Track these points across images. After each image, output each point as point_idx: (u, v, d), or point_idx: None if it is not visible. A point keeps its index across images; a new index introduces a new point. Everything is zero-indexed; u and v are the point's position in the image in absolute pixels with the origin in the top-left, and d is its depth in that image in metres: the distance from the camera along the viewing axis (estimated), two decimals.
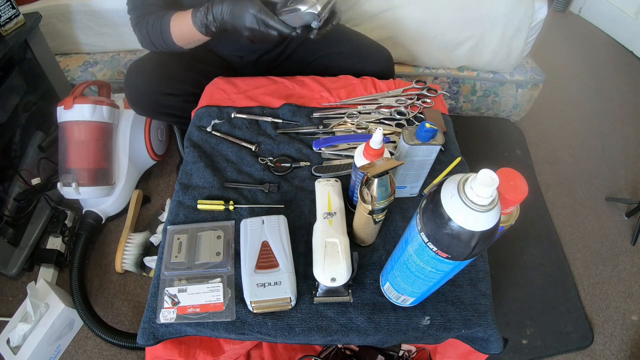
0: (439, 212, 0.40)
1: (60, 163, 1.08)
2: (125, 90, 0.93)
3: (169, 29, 0.81)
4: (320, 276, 0.57)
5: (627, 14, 2.03)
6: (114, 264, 1.10)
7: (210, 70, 1.00)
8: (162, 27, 0.82)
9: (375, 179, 0.53)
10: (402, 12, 1.24)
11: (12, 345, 0.94)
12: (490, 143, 1.52)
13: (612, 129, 1.64)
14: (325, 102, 0.92)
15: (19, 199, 1.10)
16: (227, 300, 0.61)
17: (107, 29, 1.32)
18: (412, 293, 0.55)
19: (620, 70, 1.94)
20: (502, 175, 0.49)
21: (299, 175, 0.79)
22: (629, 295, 1.16)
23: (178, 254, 0.65)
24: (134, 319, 1.05)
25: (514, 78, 1.41)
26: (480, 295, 0.64)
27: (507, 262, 1.19)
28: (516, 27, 1.26)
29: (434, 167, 0.70)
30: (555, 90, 1.76)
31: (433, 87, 0.96)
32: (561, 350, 1.04)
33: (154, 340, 0.60)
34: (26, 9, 1.19)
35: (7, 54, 1.00)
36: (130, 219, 1.19)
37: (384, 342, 0.62)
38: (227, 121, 0.87)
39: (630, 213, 1.32)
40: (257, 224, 0.66)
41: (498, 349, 0.62)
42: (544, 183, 1.42)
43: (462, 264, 0.45)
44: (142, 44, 0.89)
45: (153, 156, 1.27)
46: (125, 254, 1.10)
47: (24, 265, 1.10)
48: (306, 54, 1.04)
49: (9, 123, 1.12)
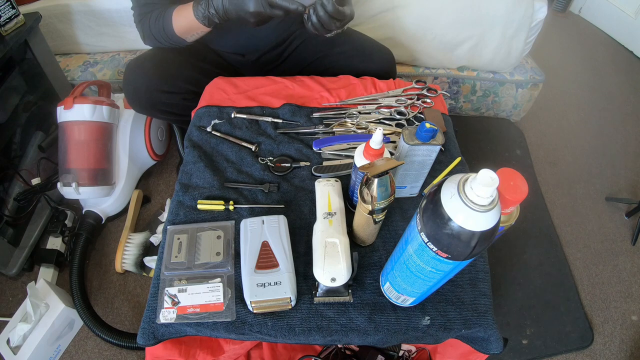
0: (439, 212, 0.40)
1: (60, 163, 1.08)
2: (124, 87, 0.93)
3: (171, 23, 0.82)
4: (320, 276, 0.57)
5: (627, 14, 2.03)
6: (114, 264, 1.11)
7: (210, 68, 1.00)
8: (165, 21, 0.82)
9: (375, 179, 0.53)
10: (402, 12, 1.24)
11: (12, 345, 0.94)
12: (490, 143, 1.52)
13: (612, 129, 1.64)
14: (325, 102, 0.92)
15: (19, 199, 1.10)
16: (227, 300, 0.61)
17: (107, 29, 1.32)
18: (412, 293, 0.55)
19: (620, 70, 1.94)
20: (502, 175, 0.49)
21: (299, 175, 0.79)
22: (629, 295, 1.16)
23: (178, 254, 0.65)
24: (134, 319, 1.05)
25: (514, 78, 1.41)
26: (480, 295, 0.64)
27: (507, 262, 1.19)
28: (516, 27, 1.26)
29: (434, 167, 0.70)
30: (555, 90, 1.76)
31: (433, 87, 0.96)
32: (561, 350, 1.04)
33: (154, 340, 0.60)
34: (26, 9, 1.19)
35: (7, 54, 1.00)
36: (130, 219, 1.19)
37: (384, 342, 0.62)
38: (227, 121, 0.87)
39: (630, 213, 1.32)
40: (257, 224, 0.66)
41: (498, 349, 0.62)
42: (544, 183, 1.42)
43: (462, 264, 0.45)
44: (145, 39, 0.89)
45: (153, 156, 1.27)
46: (125, 254, 1.10)
47: (24, 265, 1.10)
48: (307, 53, 1.04)
49: (9, 123, 1.12)
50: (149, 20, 0.84)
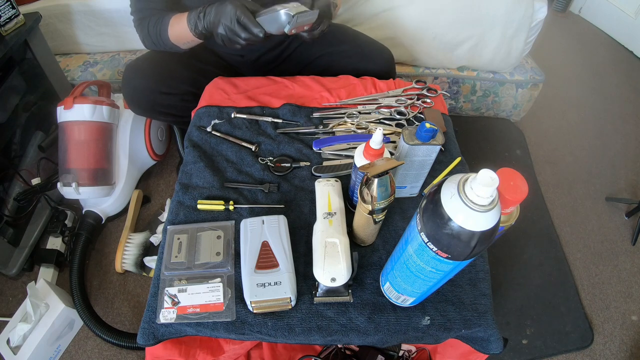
0: (439, 212, 0.40)
1: (60, 163, 1.08)
2: (123, 90, 0.94)
3: (167, 30, 0.83)
4: (320, 276, 0.57)
5: (627, 14, 2.03)
6: (114, 264, 1.11)
7: (209, 69, 1.00)
8: (162, 28, 0.83)
9: (375, 179, 0.53)
10: (402, 12, 1.24)
11: (12, 345, 0.94)
12: (490, 143, 1.52)
13: (612, 129, 1.64)
14: (325, 102, 0.92)
15: (19, 199, 1.10)
16: (227, 300, 0.61)
17: (107, 29, 1.32)
18: (412, 293, 0.55)
19: (620, 70, 1.94)
20: (502, 175, 0.49)
21: (299, 175, 0.79)
22: (629, 295, 1.16)
23: (178, 254, 0.65)
24: (134, 319, 1.05)
25: (514, 78, 1.41)
26: (480, 295, 0.64)
27: (507, 262, 1.19)
28: (516, 27, 1.26)
29: (434, 167, 0.70)
30: (555, 90, 1.76)
31: (433, 87, 0.96)
32: (561, 350, 1.04)
33: (154, 340, 0.60)
34: (26, 9, 1.19)
35: (7, 54, 1.00)
36: (130, 219, 1.19)
37: (384, 342, 0.62)
38: (227, 121, 0.87)
39: (630, 213, 1.32)
40: (257, 224, 0.66)
41: (498, 349, 0.62)
42: (544, 183, 1.42)
43: (462, 264, 0.45)
44: (144, 43, 0.90)
45: (153, 156, 1.27)
46: (125, 254, 1.10)
47: (24, 265, 1.10)
48: (307, 53, 1.04)
49: (9, 123, 1.12)
50: (148, 24, 0.85)
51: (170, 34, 0.83)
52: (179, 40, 0.84)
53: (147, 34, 0.86)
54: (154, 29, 0.84)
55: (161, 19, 0.83)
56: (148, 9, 0.85)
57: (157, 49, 0.90)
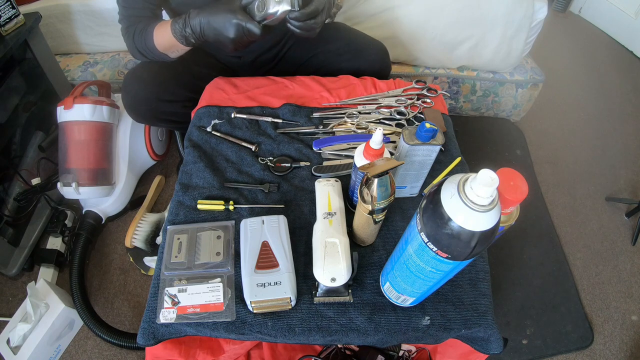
0: (439, 212, 0.40)
1: (60, 163, 1.08)
2: (123, 99, 0.93)
3: (152, 38, 0.81)
4: (320, 276, 0.57)
5: (627, 14, 2.03)
6: (114, 264, 1.11)
7: (208, 73, 1.00)
8: (147, 37, 0.81)
9: (375, 179, 0.53)
10: (402, 11, 1.24)
11: (12, 345, 0.94)
12: (490, 143, 1.52)
13: (612, 129, 1.64)
14: (325, 102, 0.92)
15: (19, 199, 1.10)
16: (227, 300, 0.61)
17: (107, 29, 1.32)
18: (412, 293, 0.55)
19: (620, 70, 1.94)
20: (502, 175, 0.49)
21: (299, 175, 0.79)
22: (629, 295, 1.16)
23: (178, 254, 0.65)
24: (134, 319, 1.05)
25: (514, 78, 1.41)
26: (480, 295, 0.64)
27: (507, 262, 1.19)
28: (516, 27, 1.26)
29: (434, 167, 0.70)
30: (555, 90, 1.76)
31: (433, 87, 0.96)
32: (561, 350, 1.04)
33: (154, 340, 0.60)
34: (26, 9, 1.19)
35: (7, 54, 1.00)
36: (149, 200, 1.22)
37: (384, 342, 0.62)
38: (227, 121, 0.87)
39: (630, 213, 1.32)
40: (257, 224, 0.66)
41: (498, 349, 0.62)
42: (544, 183, 1.42)
43: (462, 264, 0.45)
44: (132, 53, 0.88)
45: (153, 156, 1.27)
46: (137, 230, 1.10)
47: (24, 265, 1.10)
48: (302, 52, 1.04)
49: (9, 123, 1.12)
50: (133, 34, 0.83)
51: (157, 43, 0.81)
52: (167, 49, 0.82)
53: (132, 44, 0.84)
54: (139, 38, 0.82)
55: (145, 28, 0.81)
56: (133, 16, 0.83)
57: (146, 59, 0.88)
